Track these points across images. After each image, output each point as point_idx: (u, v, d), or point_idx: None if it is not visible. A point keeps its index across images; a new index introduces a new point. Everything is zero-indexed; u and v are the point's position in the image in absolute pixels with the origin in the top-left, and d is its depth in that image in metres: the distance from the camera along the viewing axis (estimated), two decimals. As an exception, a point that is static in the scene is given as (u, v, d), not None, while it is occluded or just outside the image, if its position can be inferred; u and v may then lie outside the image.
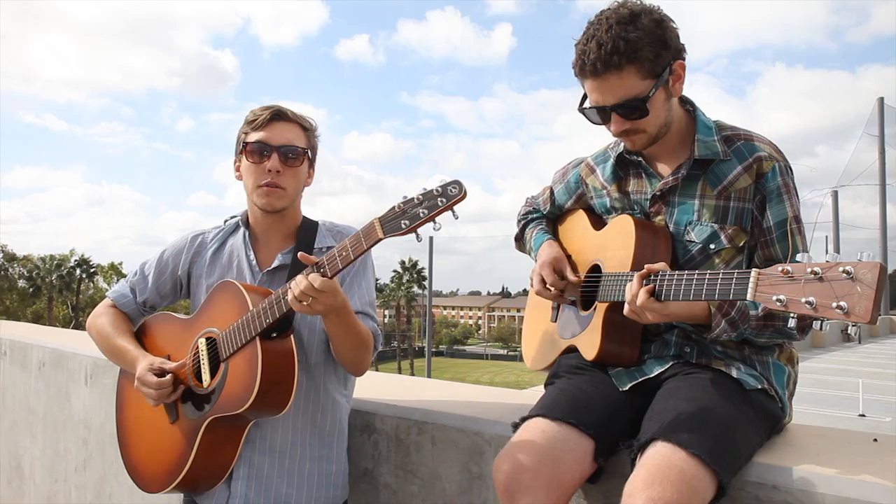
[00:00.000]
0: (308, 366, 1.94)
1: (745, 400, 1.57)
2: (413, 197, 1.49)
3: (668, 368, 1.70)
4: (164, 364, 1.93)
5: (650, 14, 1.65)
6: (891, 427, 7.68)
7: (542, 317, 2.10)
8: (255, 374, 1.71)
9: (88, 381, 3.60)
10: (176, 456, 1.88)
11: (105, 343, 2.10)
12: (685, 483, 1.33)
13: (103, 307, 2.17)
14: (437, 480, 2.06)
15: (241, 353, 1.77)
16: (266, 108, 1.96)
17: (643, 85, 1.65)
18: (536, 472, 1.51)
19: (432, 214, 1.47)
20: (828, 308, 1.19)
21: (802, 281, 1.23)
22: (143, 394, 1.92)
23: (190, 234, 2.17)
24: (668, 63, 1.66)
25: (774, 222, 1.68)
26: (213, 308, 1.93)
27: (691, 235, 1.74)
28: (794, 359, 1.77)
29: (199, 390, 1.88)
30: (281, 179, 1.93)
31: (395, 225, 1.51)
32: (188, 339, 1.96)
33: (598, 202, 1.98)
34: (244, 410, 1.72)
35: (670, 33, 1.66)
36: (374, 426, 2.23)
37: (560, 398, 1.68)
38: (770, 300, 1.27)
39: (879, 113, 26.40)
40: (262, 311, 1.74)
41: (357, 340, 1.85)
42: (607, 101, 1.68)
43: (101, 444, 3.49)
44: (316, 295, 1.63)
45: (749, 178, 1.69)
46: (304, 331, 1.93)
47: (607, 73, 1.64)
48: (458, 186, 1.45)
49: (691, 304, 1.59)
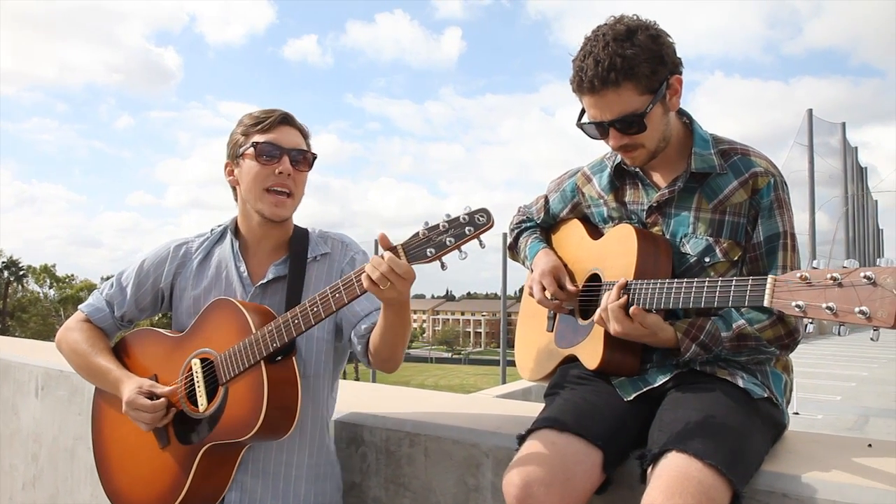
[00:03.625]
0: (306, 378, 1.86)
1: (753, 409, 1.59)
2: (438, 224, 1.46)
3: (672, 378, 1.71)
4: (155, 387, 1.82)
5: (646, 30, 1.67)
6: (822, 423, 8.04)
7: (536, 326, 2.09)
8: (260, 401, 1.63)
9: (39, 392, 3.41)
10: (168, 482, 1.78)
11: (81, 361, 1.96)
12: (704, 494, 1.34)
13: (76, 322, 2.03)
14: (430, 493, 2.01)
15: (244, 378, 1.69)
16: (271, 111, 1.88)
17: (640, 100, 1.66)
18: (549, 484, 1.49)
19: (459, 243, 1.44)
20: (849, 313, 1.20)
21: (821, 287, 1.25)
22: (134, 418, 1.81)
23: (172, 243, 2.05)
24: (665, 78, 1.68)
25: (764, 237, 1.71)
26: (207, 327, 1.83)
27: (686, 248, 1.76)
28: (790, 367, 1.81)
29: (193, 415, 1.78)
30: (290, 184, 1.85)
31: (419, 253, 1.48)
32: (178, 359, 1.85)
33: (596, 211, 1.98)
34: (248, 438, 1.65)
35: (667, 49, 1.68)
36: (361, 438, 2.17)
37: (566, 409, 1.67)
38: (789, 306, 1.29)
39: (808, 124, 27.62)
40: (270, 333, 1.66)
41: (407, 334, 1.77)
42: (605, 116, 1.69)
43: (53, 460, 3.30)
44: (395, 280, 1.53)
45: (745, 194, 1.72)
46: (300, 340, 1.85)
47: (605, 90, 1.65)
48: (485, 215, 1.44)
49: (662, 326, 1.65)
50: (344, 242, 2.02)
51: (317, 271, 1.95)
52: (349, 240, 2.04)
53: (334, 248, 2.00)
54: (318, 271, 1.95)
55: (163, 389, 1.82)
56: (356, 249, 2.03)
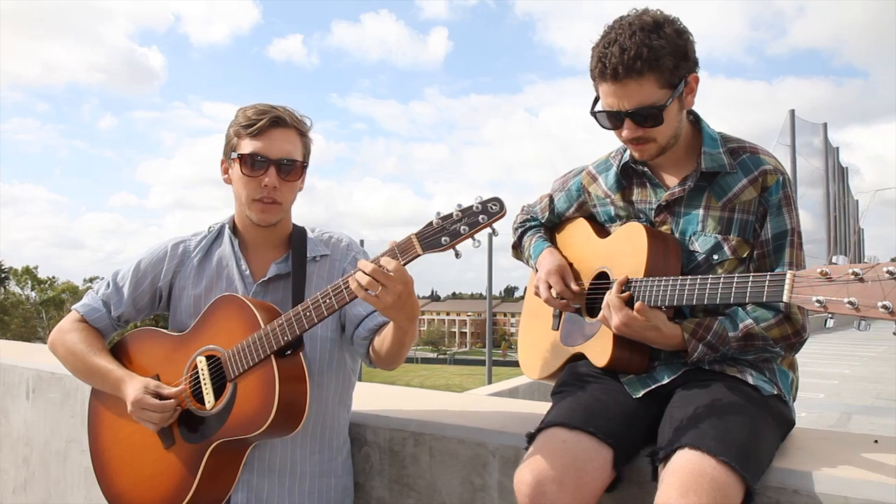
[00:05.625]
0: (311, 376, 1.85)
1: (763, 405, 1.60)
2: (451, 213, 1.47)
3: (680, 375, 1.71)
4: (161, 387, 1.79)
5: (672, 24, 1.67)
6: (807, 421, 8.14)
7: (541, 325, 2.08)
8: (272, 395, 1.62)
9: (30, 395, 3.35)
10: (175, 483, 1.75)
11: (78, 362, 1.92)
12: (718, 490, 1.34)
13: (71, 322, 1.98)
14: (435, 493, 2.00)
15: (254, 373, 1.67)
16: (263, 113, 1.81)
17: (660, 94, 1.65)
18: (561, 482, 1.49)
19: (473, 231, 1.45)
20: (871, 308, 1.21)
21: (843, 282, 1.26)
22: (140, 418, 1.78)
23: (169, 242, 2.02)
24: (685, 75, 1.68)
25: (772, 234, 1.72)
26: (213, 324, 1.80)
27: (695, 245, 1.76)
28: (795, 365, 1.82)
29: (200, 412, 1.76)
30: (277, 195, 1.82)
31: (434, 241, 1.48)
32: (181, 357, 1.83)
33: (602, 210, 1.98)
34: (259, 434, 1.63)
35: (690, 45, 1.68)
36: (364, 438, 2.15)
37: (576, 407, 1.66)
38: (809, 301, 1.30)
39: (791, 124, 27.88)
40: (281, 327, 1.64)
41: (413, 340, 1.76)
42: (623, 106, 1.68)
43: (45, 463, 3.25)
44: (385, 281, 1.50)
45: (754, 191, 1.73)
46: (305, 340, 1.83)
47: (627, 79, 1.64)
48: (498, 204, 1.45)
49: (667, 323, 1.66)
50: (345, 243, 2.01)
51: (318, 271, 1.94)
52: (350, 239, 2.03)
53: (334, 249, 1.99)
54: (318, 272, 1.94)
55: (169, 389, 1.79)
56: (357, 249, 2.02)
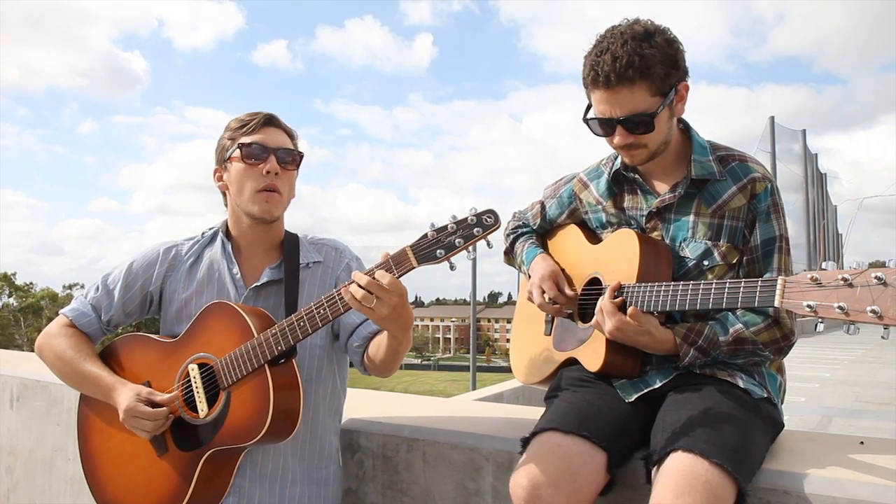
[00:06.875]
0: (302, 384, 1.85)
1: (753, 408, 1.63)
2: (446, 225, 1.48)
3: (672, 379, 1.74)
4: (153, 394, 1.78)
5: (663, 34, 1.71)
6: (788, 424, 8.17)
7: (533, 330, 2.10)
8: (266, 404, 1.62)
9: (14, 403, 3.31)
10: (169, 490, 1.75)
11: (67, 368, 1.90)
12: (712, 492, 1.36)
13: (58, 327, 1.96)
14: (429, 498, 2.01)
15: (247, 382, 1.67)
16: (255, 114, 1.88)
17: (651, 101, 1.69)
18: (556, 486, 1.51)
19: (468, 244, 1.46)
20: (861, 312, 1.24)
21: (832, 287, 1.29)
22: (133, 426, 1.77)
23: (161, 245, 2.02)
24: (676, 83, 1.72)
25: (761, 240, 1.76)
26: (204, 331, 1.80)
27: (686, 251, 1.80)
28: (783, 369, 1.85)
29: (193, 421, 1.75)
30: (279, 182, 1.85)
31: (429, 254, 1.49)
32: (173, 364, 1.82)
33: (594, 217, 2.01)
34: (253, 442, 1.63)
35: (680, 55, 1.73)
36: (357, 444, 2.16)
37: (569, 411, 1.68)
38: (800, 306, 1.32)
39: (771, 131, 28.27)
40: (275, 336, 1.65)
41: (407, 349, 1.79)
42: (615, 113, 1.71)
43: (29, 473, 3.21)
44: (380, 293, 1.52)
45: (743, 199, 1.76)
46: (297, 347, 1.83)
47: (619, 86, 1.67)
48: (492, 216, 1.46)
49: (658, 328, 1.69)
50: (338, 249, 2.02)
51: (310, 278, 1.94)
52: (343, 246, 2.04)
53: (327, 256, 1.99)
54: (311, 278, 1.94)
55: (162, 396, 1.78)
56: (350, 256, 2.03)
